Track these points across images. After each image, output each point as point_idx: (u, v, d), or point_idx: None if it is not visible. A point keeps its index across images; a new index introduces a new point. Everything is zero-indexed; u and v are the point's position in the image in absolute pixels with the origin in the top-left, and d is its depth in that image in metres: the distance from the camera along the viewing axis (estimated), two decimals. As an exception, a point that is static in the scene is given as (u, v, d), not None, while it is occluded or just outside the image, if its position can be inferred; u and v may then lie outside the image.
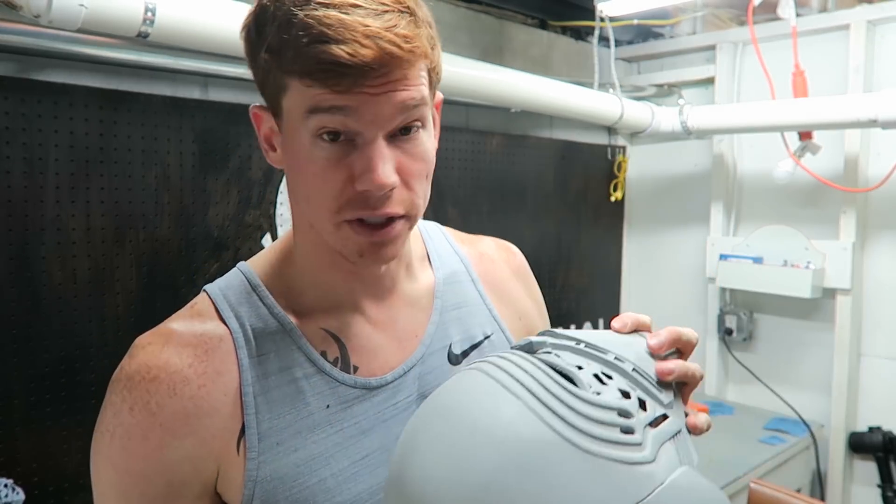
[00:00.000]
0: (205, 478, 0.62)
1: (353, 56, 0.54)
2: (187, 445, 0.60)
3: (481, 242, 0.87)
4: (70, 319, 1.37)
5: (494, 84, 1.88)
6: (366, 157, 0.58)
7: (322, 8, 0.55)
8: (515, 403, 0.52)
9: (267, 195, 1.66)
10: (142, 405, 0.60)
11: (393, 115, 0.58)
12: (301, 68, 0.56)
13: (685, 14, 2.50)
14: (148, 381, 0.60)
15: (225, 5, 1.28)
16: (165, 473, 0.60)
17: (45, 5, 1.06)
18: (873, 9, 2.16)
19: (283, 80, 0.58)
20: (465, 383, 0.57)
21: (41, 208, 1.32)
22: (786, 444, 2.16)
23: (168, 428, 0.60)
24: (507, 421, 0.52)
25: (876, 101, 1.91)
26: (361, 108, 0.57)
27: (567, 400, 0.52)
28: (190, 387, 0.61)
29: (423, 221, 0.83)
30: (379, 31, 0.54)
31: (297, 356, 0.66)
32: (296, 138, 0.60)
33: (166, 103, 1.49)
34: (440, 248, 0.81)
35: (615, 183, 2.74)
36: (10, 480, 1.29)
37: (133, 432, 0.60)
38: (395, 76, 0.56)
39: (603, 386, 0.55)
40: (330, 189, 0.59)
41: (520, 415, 0.52)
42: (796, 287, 2.25)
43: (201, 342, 0.63)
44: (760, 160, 2.47)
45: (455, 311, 0.77)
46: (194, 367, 0.61)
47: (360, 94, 0.56)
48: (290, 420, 0.64)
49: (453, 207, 2.14)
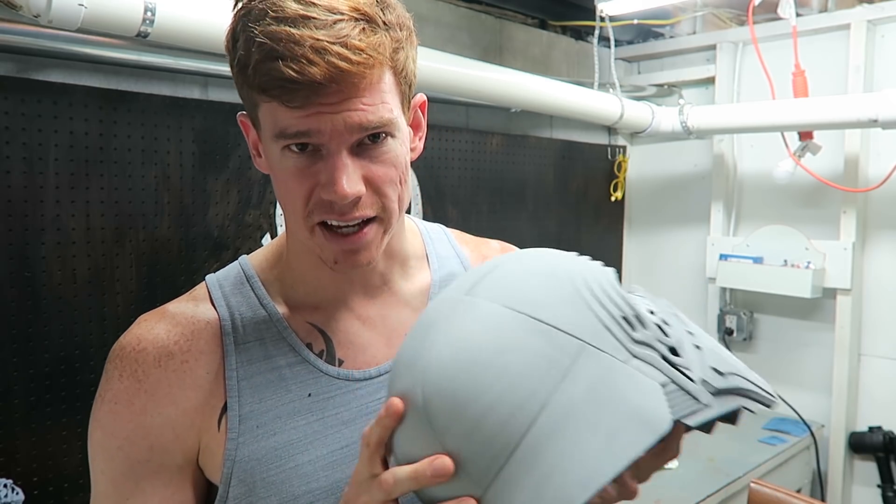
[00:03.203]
0: (186, 448, 0.65)
1: (300, 73, 0.54)
2: (169, 413, 0.64)
3: (486, 245, 0.87)
4: (70, 319, 1.37)
5: (494, 84, 1.88)
6: (329, 168, 0.59)
7: (275, 23, 0.55)
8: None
9: (267, 195, 1.66)
10: (130, 373, 0.65)
11: (351, 132, 0.59)
12: (259, 84, 0.57)
13: (685, 14, 2.49)
14: (137, 352, 0.65)
15: (225, 5, 1.28)
16: (148, 437, 0.64)
17: (44, 5, 1.06)
18: (873, 8, 2.16)
19: (252, 96, 0.61)
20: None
21: (41, 208, 1.32)
22: (786, 444, 2.16)
23: (151, 394, 0.64)
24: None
25: (876, 101, 1.91)
26: (321, 127, 0.58)
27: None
28: (174, 361, 0.65)
29: (426, 223, 0.84)
30: (326, 45, 0.55)
31: (282, 345, 0.68)
32: (269, 149, 0.63)
33: (166, 103, 1.49)
34: (441, 249, 0.81)
35: (615, 183, 2.74)
36: (10, 480, 1.29)
37: (120, 397, 0.64)
38: (349, 92, 0.57)
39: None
40: (299, 196, 0.62)
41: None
42: (796, 287, 2.25)
43: (190, 323, 0.67)
44: (760, 160, 2.47)
45: None
46: (180, 344, 0.66)
47: (316, 114, 0.57)
48: (271, 405, 0.66)
49: (453, 207, 2.14)
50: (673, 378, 0.54)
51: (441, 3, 2.09)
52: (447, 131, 2.10)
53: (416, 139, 0.71)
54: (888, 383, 2.24)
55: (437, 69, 1.71)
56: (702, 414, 0.54)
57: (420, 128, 0.72)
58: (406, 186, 0.66)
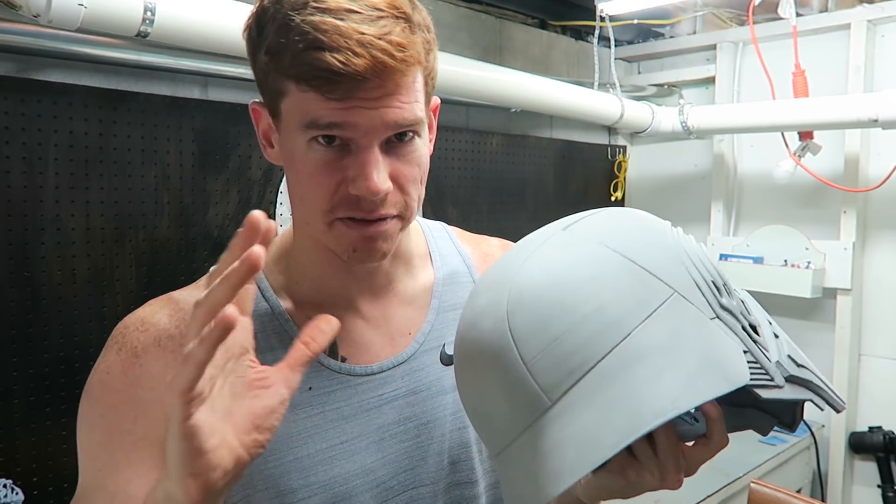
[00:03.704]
0: None
1: (345, 65, 0.54)
2: (161, 390, 0.62)
3: (486, 243, 0.87)
4: (70, 319, 1.37)
5: (494, 84, 1.88)
6: (360, 163, 0.59)
7: (318, 13, 0.55)
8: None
9: (267, 195, 1.66)
10: (129, 348, 0.64)
11: (386, 129, 0.59)
12: (297, 73, 0.56)
13: (685, 14, 2.49)
14: (139, 332, 0.65)
15: (225, 5, 1.28)
16: (134, 408, 0.62)
17: (44, 5, 1.06)
18: (873, 8, 2.16)
19: (281, 84, 0.59)
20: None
21: (41, 208, 1.32)
22: (786, 444, 2.16)
23: (147, 369, 0.63)
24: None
25: (876, 101, 1.91)
26: (357, 122, 0.58)
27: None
28: (173, 342, 0.64)
29: (428, 221, 0.84)
30: (372, 40, 0.55)
31: (283, 338, 0.67)
32: (292, 139, 0.61)
33: (166, 103, 1.49)
34: (443, 247, 0.81)
35: (615, 183, 2.74)
36: (10, 480, 1.28)
37: (114, 368, 0.64)
38: (389, 87, 0.57)
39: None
40: (324, 190, 0.61)
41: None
42: (796, 287, 2.25)
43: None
44: (760, 160, 2.47)
45: (453, 312, 0.77)
46: (181, 328, 0.65)
47: (354, 107, 0.57)
48: None
49: (453, 207, 2.14)
50: (751, 350, 0.55)
51: (441, 3, 2.09)
52: (447, 131, 2.10)
53: (429, 141, 0.72)
54: (888, 383, 2.24)
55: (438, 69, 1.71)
56: (774, 391, 0.55)
57: (433, 129, 0.72)
58: (423, 187, 0.66)
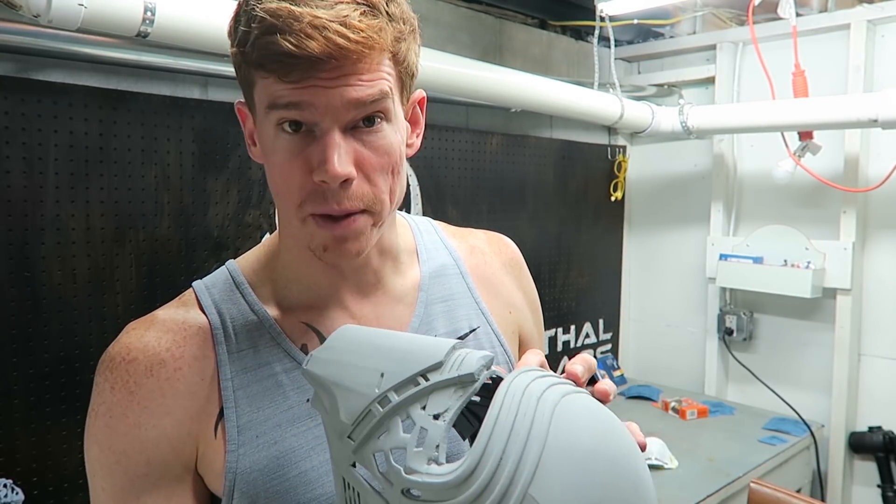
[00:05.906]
0: (184, 458, 0.64)
1: (298, 47, 0.55)
2: (165, 424, 0.63)
3: (472, 236, 0.87)
4: (70, 319, 1.37)
5: (494, 84, 1.88)
6: (321, 148, 0.59)
7: (277, 0, 0.56)
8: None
9: (267, 195, 1.66)
10: (122, 384, 0.63)
11: (347, 108, 0.58)
12: (257, 59, 0.57)
13: (685, 14, 2.49)
14: (128, 363, 0.63)
15: (225, 5, 1.28)
16: (144, 451, 0.62)
17: (44, 5, 1.06)
18: (873, 9, 2.16)
19: (249, 74, 0.60)
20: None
21: (41, 208, 1.32)
22: (786, 444, 2.16)
23: (145, 406, 0.62)
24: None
25: (876, 101, 1.91)
26: (315, 101, 0.58)
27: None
28: (166, 369, 0.63)
29: (414, 217, 0.83)
30: (325, 23, 0.55)
31: (277, 351, 0.67)
32: (263, 129, 0.62)
33: (166, 103, 1.49)
34: (430, 242, 0.81)
35: (615, 183, 2.74)
36: (10, 480, 1.29)
37: (114, 410, 0.63)
38: (347, 69, 0.57)
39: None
40: (293, 181, 0.61)
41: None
42: (796, 287, 2.25)
43: (181, 328, 0.66)
44: (760, 160, 2.47)
45: (441, 305, 0.77)
46: (171, 350, 0.64)
47: (312, 87, 0.57)
48: (270, 413, 0.65)
49: (453, 207, 2.14)
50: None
51: (441, 3, 2.09)
52: (447, 131, 2.10)
53: (414, 136, 0.70)
54: (888, 383, 2.24)
55: (437, 69, 1.71)
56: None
57: (418, 124, 0.71)
58: (398, 179, 0.65)
